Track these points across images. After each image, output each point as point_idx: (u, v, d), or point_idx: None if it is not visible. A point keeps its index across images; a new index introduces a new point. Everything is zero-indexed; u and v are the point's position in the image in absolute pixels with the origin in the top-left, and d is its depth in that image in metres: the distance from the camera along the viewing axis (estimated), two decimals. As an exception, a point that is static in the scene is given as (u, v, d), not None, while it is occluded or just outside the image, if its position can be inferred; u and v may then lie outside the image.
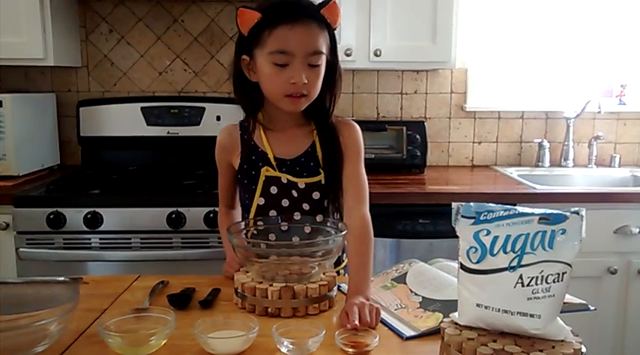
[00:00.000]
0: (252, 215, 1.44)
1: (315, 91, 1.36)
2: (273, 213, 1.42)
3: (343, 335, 1.03)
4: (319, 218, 1.38)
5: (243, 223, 1.38)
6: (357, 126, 1.49)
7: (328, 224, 1.35)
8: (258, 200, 1.43)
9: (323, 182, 1.42)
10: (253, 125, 1.44)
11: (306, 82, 1.31)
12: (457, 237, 0.99)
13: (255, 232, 1.36)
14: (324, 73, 1.36)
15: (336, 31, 1.39)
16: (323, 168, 1.43)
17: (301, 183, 1.41)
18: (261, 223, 1.38)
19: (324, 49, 1.34)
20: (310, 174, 1.42)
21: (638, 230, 2.27)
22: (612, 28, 2.91)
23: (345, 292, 1.29)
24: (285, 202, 1.42)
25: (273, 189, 1.42)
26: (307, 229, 1.37)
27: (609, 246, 2.29)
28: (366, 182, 1.43)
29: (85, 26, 2.80)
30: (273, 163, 1.42)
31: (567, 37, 2.92)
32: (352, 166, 1.43)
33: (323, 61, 1.35)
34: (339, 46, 1.43)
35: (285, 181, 1.41)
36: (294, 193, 1.42)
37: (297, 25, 1.29)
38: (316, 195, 1.42)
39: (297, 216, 1.40)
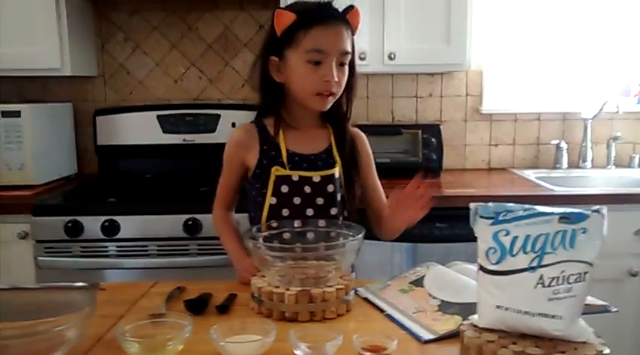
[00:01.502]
0: (264, 214, 1.46)
1: (341, 90, 1.44)
2: (285, 211, 1.45)
3: (361, 339, 1.02)
4: (333, 211, 1.45)
5: (256, 227, 1.38)
6: (365, 136, 1.60)
7: (340, 224, 1.38)
8: (270, 200, 1.46)
9: (337, 176, 1.48)
10: (278, 122, 1.49)
11: (337, 80, 1.39)
12: (475, 240, 0.98)
13: (267, 235, 1.35)
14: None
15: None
16: (342, 165, 1.49)
17: (316, 176, 1.45)
18: (275, 224, 1.39)
19: (351, 50, 1.43)
20: (329, 168, 1.48)
21: (659, 231, 2.23)
22: (629, 27, 2.87)
23: (362, 296, 1.30)
24: (296, 200, 1.45)
25: (284, 188, 1.45)
26: (322, 223, 1.39)
27: (629, 247, 2.25)
28: None
29: (100, 35, 2.83)
30: (285, 161, 1.45)
31: (583, 37, 2.89)
32: (373, 178, 1.58)
33: (348, 63, 1.44)
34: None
35: (296, 179, 1.45)
36: (307, 189, 1.45)
37: (330, 27, 1.38)
38: (330, 188, 1.46)
39: (309, 212, 1.44)
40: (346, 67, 1.43)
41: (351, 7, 1.44)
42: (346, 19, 1.42)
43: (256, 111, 1.55)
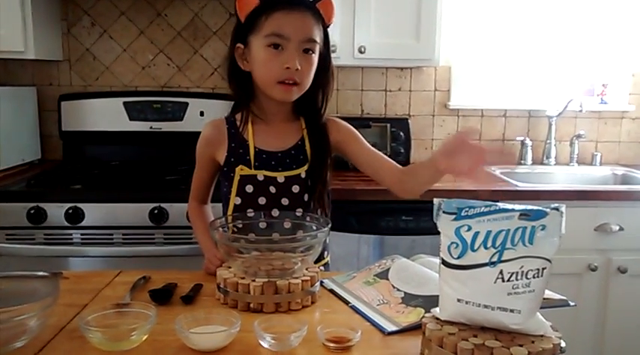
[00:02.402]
0: (229, 214, 1.44)
1: (307, 81, 1.39)
2: (250, 212, 1.41)
3: (326, 330, 1.03)
4: (299, 212, 1.40)
5: (224, 219, 1.38)
6: (339, 120, 1.54)
7: (307, 219, 1.36)
8: (235, 200, 1.44)
9: (303, 176, 1.44)
10: (246, 116, 1.46)
11: (299, 68, 1.34)
12: (439, 233, 0.99)
13: (235, 230, 1.35)
14: (316, 66, 1.39)
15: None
16: (310, 163, 1.44)
17: (281, 177, 1.42)
18: (241, 221, 1.38)
19: (318, 40, 1.38)
20: (299, 166, 1.44)
21: (618, 227, 2.30)
22: (594, 27, 2.94)
23: (328, 287, 1.31)
24: (261, 200, 1.43)
25: (249, 188, 1.43)
26: (287, 224, 1.37)
27: (590, 243, 2.31)
28: None
29: (66, 19, 2.77)
30: (252, 160, 1.43)
31: (550, 36, 2.94)
32: (366, 148, 1.50)
33: (317, 52, 1.39)
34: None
35: (261, 178, 1.42)
36: (272, 189, 1.43)
37: (293, 12, 1.34)
38: (296, 189, 1.43)
39: (275, 212, 1.41)
40: (313, 57, 1.38)
41: None
42: (315, 7, 1.37)
43: (230, 102, 1.52)
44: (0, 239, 2.11)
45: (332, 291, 1.30)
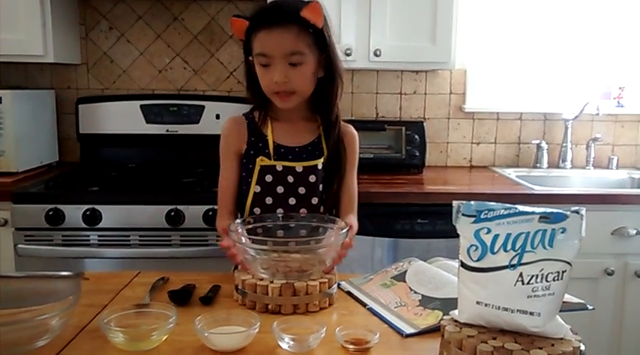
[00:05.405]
0: (249, 201, 1.50)
1: (304, 87, 1.44)
2: (269, 200, 1.48)
3: (344, 332, 1.04)
4: (314, 200, 1.48)
5: (241, 220, 1.38)
6: (357, 135, 1.60)
7: (326, 219, 1.38)
8: (255, 188, 1.49)
9: (320, 167, 1.50)
10: (264, 116, 1.53)
11: (286, 81, 1.40)
12: (455, 236, 0.99)
13: (252, 227, 1.36)
14: (312, 70, 1.43)
15: (335, 31, 1.47)
16: (327, 155, 1.51)
17: (299, 167, 1.48)
18: (260, 217, 1.41)
19: (305, 49, 1.40)
20: (315, 160, 1.51)
21: (635, 231, 2.28)
22: (611, 30, 2.92)
23: (345, 289, 1.31)
24: (280, 189, 1.49)
25: (268, 178, 1.49)
26: (304, 212, 1.45)
27: (607, 247, 2.29)
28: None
29: (84, 23, 2.80)
30: (271, 153, 1.49)
31: (566, 39, 2.93)
32: (350, 176, 1.57)
33: (307, 61, 1.42)
34: (338, 45, 1.51)
35: (280, 168, 1.48)
36: (290, 179, 1.48)
37: (273, 29, 1.38)
38: (312, 179, 1.49)
39: (292, 201, 1.47)
40: (302, 66, 1.40)
41: (306, 3, 1.39)
42: (300, 17, 1.37)
43: (245, 105, 1.57)
44: (19, 240, 2.14)
45: (349, 293, 1.31)
